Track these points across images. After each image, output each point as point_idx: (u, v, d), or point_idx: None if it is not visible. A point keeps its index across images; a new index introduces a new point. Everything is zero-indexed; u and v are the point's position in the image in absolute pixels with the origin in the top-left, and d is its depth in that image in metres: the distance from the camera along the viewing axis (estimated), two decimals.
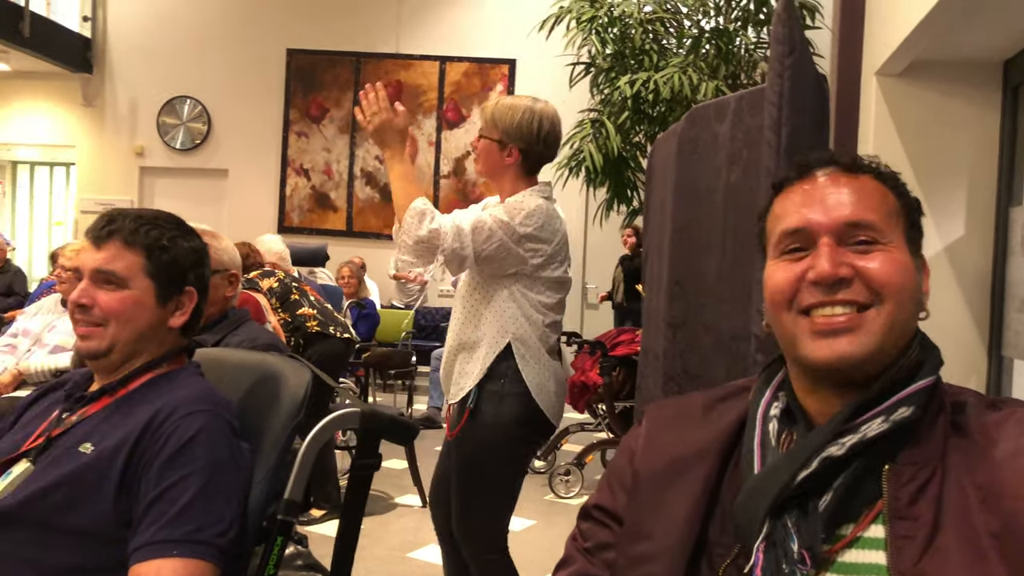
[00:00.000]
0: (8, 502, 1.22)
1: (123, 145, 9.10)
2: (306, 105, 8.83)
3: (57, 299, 3.99)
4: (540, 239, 2.13)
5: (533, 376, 2.18)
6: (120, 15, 9.03)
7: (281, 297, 3.95)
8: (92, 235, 1.35)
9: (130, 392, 1.33)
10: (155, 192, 9.23)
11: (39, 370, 3.69)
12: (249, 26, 8.80)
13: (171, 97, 8.94)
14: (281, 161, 8.88)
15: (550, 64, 6.91)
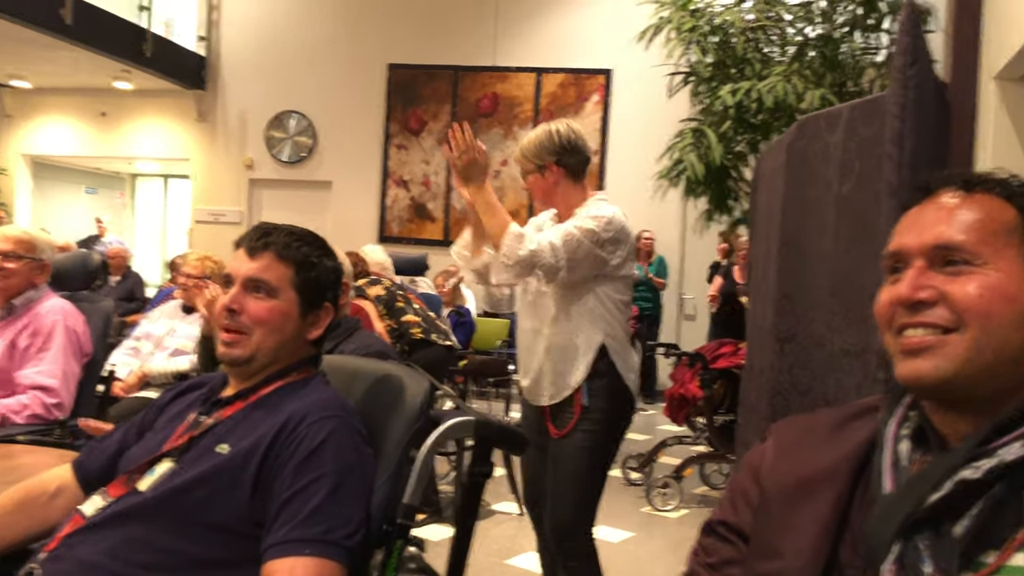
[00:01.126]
0: (153, 496, 1.31)
1: (233, 158, 9.53)
2: (405, 118, 9.04)
3: (177, 305, 4.21)
4: (619, 241, 2.31)
5: (626, 370, 2.38)
6: (232, 34, 9.47)
7: (387, 304, 4.06)
8: (247, 245, 1.44)
9: (262, 397, 1.41)
10: (263, 203, 9.62)
11: (161, 372, 3.90)
12: (352, 43, 9.09)
13: (278, 112, 9.31)
14: (382, 173, 9.12)
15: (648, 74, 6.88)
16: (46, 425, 2.52)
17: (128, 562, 1.25)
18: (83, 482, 1.48)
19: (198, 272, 3.96)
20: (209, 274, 4.00)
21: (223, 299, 1.42)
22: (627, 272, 2.39)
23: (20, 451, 2.22)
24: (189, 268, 4.00)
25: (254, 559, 1.24)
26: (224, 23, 9.47)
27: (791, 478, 0.92)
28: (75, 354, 2.67)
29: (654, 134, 7.84)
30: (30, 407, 2.51)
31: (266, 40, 9.33)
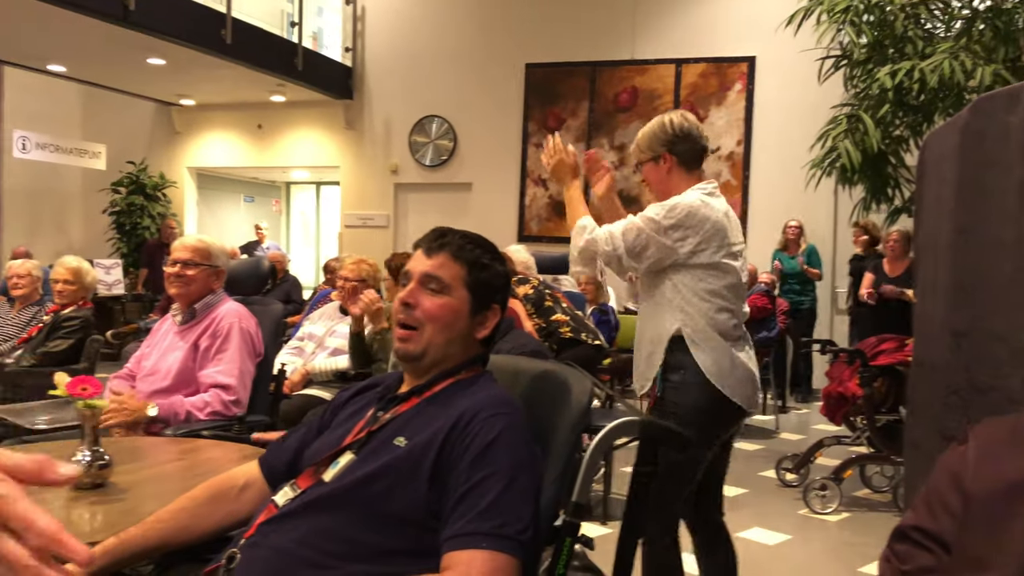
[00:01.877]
0: (336, 487, 1.39)
1: (379, 164, 9.89)
2: (543, 117, 9.10)
3: (336, 306, 4.42)
4: (685, 227, 2.27)
5: (709, 363, 2.29)
6: (376, 45, 9.83)
7: (536, 303, 4.10)
8: (425, 246, 1.53)
9: (435, 394, 1.47)
10: (408, 207, 9.94)
11: (322, 370, 4.10)
12: (489, 45, 9.23)
13: (421, 117, 9.59)
14: (520, 172, 9.22)
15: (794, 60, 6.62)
16: (226, 421, 2.71)
17: (317, 549, 1.32)
18: (268, 477, 1.58)
19: (354, 275, 4.14)
20: (364, 277, 4.18)
21: (400, 294, 1.49)
22: (710, 259, 2.30)
23: (205, 445, 2.40)
24: (346, 272, 4.19)
25: (433, 550, 1.29)
26: (368, 34, 9.85)
27: (1000, 484, 0.86)
28: (250, 354, 2.85)
29: (802, 122, 7.55)
30: (211, 404, 2.70)
31: (407, 48, 9.63)
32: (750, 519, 4.10)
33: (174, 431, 2.55)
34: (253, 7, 8.73)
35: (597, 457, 1.44)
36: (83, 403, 1.85)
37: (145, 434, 2.57)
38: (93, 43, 7.56)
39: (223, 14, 7.84)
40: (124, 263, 9.95)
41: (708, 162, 8.52)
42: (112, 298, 9.13)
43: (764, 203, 8.21)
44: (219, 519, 1.55)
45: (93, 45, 7.66)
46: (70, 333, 4.30)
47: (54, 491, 1.81)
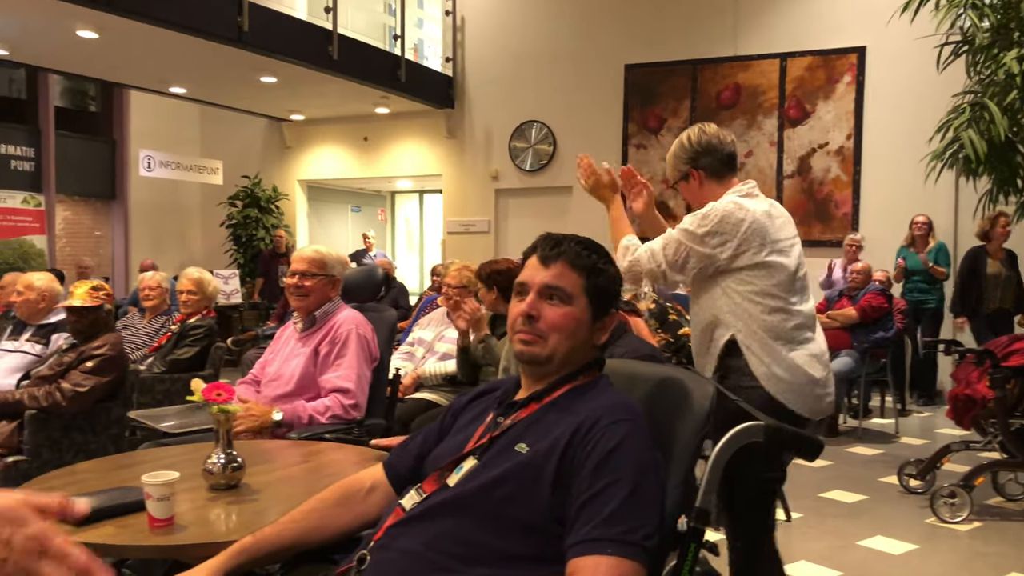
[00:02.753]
0: (460, 492, 1.41)
1: (480, 170, 10.01)
2: (644, 118, 9.01)
3: (443, 312, 4.50)
4: (721, 232, 2.26)
5: (762, 368, 2.24)
6: (475, 53, 9.96)
7: (660, 319, 4.05)
8: (540, 255, 1.52)
9: (555, 399, 1.48)
10: (508, 212, 10.02)
11: (432, 374, 4.18)
12: (588, 49, 9.22)
13: (520, 123, 9.66)
14: None
15: (908, 48, 6.34)
16: (346, 424, 2.79)
17: (443, 552, 1.35)
18: (393, 480, 1.63)
19: (456, 282, 4.21)
20: (466, 283, 4.24)
21: (520, 306, 1.49)
22: (753, 259, 2.26)
23: (327, 448, 2.49)
24: (449, 279, 4.26)
25: (557, 556, 1.30)
26: (467, 43, 9.99)
27: None
28: (367, 359, 2.93)
29: (918, 112, 7.23)
30: (332, 408, 2.79)
31: (506, 56, 9.72)
32: (871, 527, 3.95)
33: (298, 434, 2.65)
34: (357, 23, 9.00)
35: (721, 462, 1.42)
36: (217, 408, 1.95)
37: (271, 437, 2.68)
38: (210, 65, 7.95)
39: (330, 31, 8.11)
40: (241, 273, 10.41)
41: (816, 157, 8.29)
42: (230, 307, 9.57)
43: (878, 198, 7.88)
44: (348, 520, 1.60)
45: (210, 66, 8.06)
46: (196, 341, 4.53)
47: (193, 493, 1.91)
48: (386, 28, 9.80)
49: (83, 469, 2.20)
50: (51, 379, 3.45)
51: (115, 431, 3.57)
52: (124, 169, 11.37)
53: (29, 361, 4.03)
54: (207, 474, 1.94)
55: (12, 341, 4.20)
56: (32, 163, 10.40)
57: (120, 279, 11.32)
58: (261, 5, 7.58)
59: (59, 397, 3.34)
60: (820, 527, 3.98)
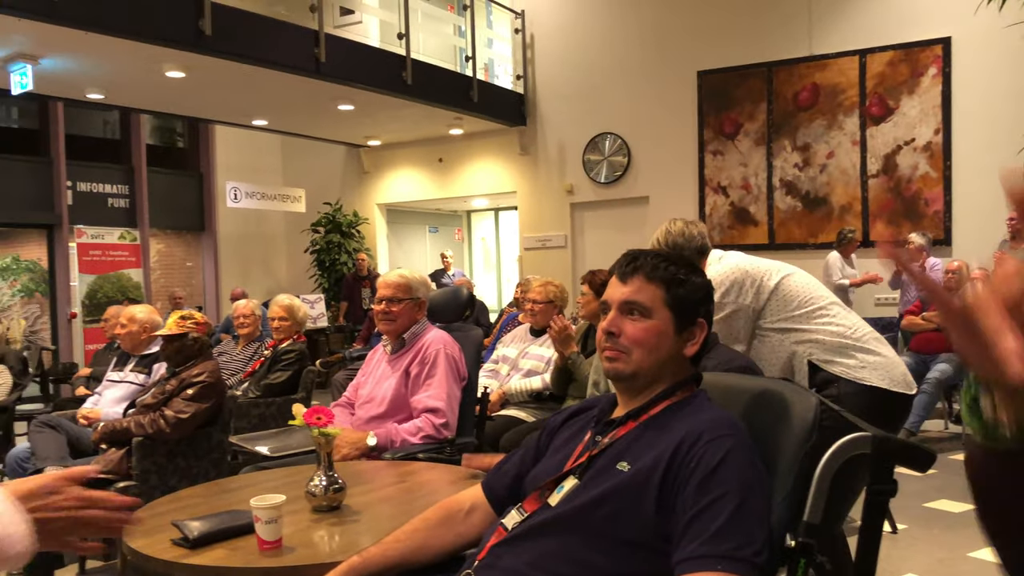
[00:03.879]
0: (562, 511, 1.41)
1: (555, 185, 10.03)
2: (719, 123, 8.89)
3: (526, 328, 4.52)
4: (729, 286, 2.53)
5: (852, 366, 2.32)
6: (545, 69, 10.01)
7: None
8: (618, 272, 1.53)
9: (653, 417, 1.47)
10: (584, 225, 10.00)
11: (518, 391, 4.20)
12: (659, 57, 9.16)
13: (594, 135, 9.65)
14: (699, 181, 9.04)
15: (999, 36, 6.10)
16: (437, 444, 2.83)
17: (548, 571, 1.36)
18: (492, 500, 1.64)
19: (542, 298, 4.23)
20: (551, 298, 4.25)
21: (602, 323, 1.50)
22: (768, 293, 2.51)
23: (421, 468, 2.52)
24: (533, 294, 4.28)
25: (665, 572, 1.29)
26: (537, 60, 10.05)
27: None
28: (456, 379, 2.97)
29: (1014, 102, 6.92)
30: (423, 429, 2.83)
31: (576, 70, 9.73)
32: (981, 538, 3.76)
33: (392, 454, 2.70)
34: (428, 47, 9.16)
35: (828, 474, 1.38)
36: (318, 431, 2.00)
37: (365, 459, 2.73)
38: (290, 96, 8.21)
39: (403, 57, 8.28)
40: (326, 297, 10.67)
41: (903, 155, 8.01)
42: (317, 330, 9.81)
43: (971, 194, 7.56)
44: (450, 540, 1.63)
45: (290, 98, 8.32)
46: (288, 365, 4.67)
47: (297, 515, 1.96)
48: (456, 50, 9.95)
49: (190, 494, 2.29)
50: (155, 407, 3.60)
51: (216, 455, 3.70)
52: (212, 201, 11.81)
53: (134, 390, 4.21)
54: (310, 496, 1.99)
55: (117, 372, 4.40)
56: (127, 200, 10.91)
57: (211, 308, 11.74)
58: (337, 36, 7.80)
59: (163, 424, 3.48)
60: (927, 539, 3.82)
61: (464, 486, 2.27)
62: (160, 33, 6.19)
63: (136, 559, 1.78)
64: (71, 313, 10.17)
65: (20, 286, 10.43)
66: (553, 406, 4.05)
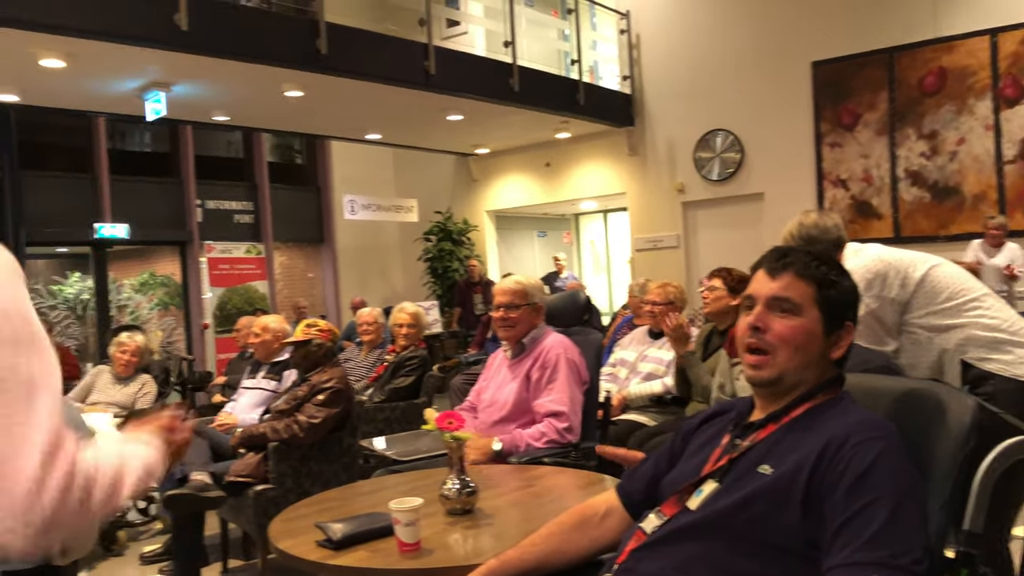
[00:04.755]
0: (704, 515, 1.39)
1: (665, 185, 9.90)
2: (837, 115, 8.56)
3: (644, 331, 4.48)
4: (872, 283, 2.43)
5: (1004, 366, 2.23)
6: (652, 68, 9.90)
7: None
8: (767, 267, 1.48)
9: (795, 419, 1.42)
10: (696, 224, 9.82)
11: (638, 395, 4.16)
12: (770, 51, 8.90)
13: (704, 133, 9.47)
14: (816, 175, 8.73)
15: None
16: (562, 448, 2.84)
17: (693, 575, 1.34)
18: (627, 505, 1.63)
19: (662, 299, 4.17)
20: (672, 299, 4.19)
21: (747, 318, 1.46)
22: (914, 288, 2.40)
23: (548, 472, 2.54)
24: (653, 296, 4.23)
25: None
26: (644, 59, 9.95)
27: None
28: (577, 383, 2.97)
29: None
30: (547, 434, 2.85)
31: (684, 67, 9.58)
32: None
33: (517, 459, 2.73)
34: (533, 52, 9.21)
35: (990, 481, 1.31)
36: (449, 436, 2.04)
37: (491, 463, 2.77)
38: (401, 109, 8.43)
39: (509, 64, 8.36)
40: (439, 303, 10.88)
41: None
42: (432, 336, 10.00)
43: None
44: (586, 544, 1.63)
45: (401, 111, 8.54)
46: (411, 371, 4.79)
47: (431, 518, 2.00)
48: (561, 54, 9.97)
49: (329, 497, 2.38)
50: (288, 412, 3.75)
51: (346, 459, 3.82)
52: (330, 214, 12.25)
53: (267, 396, 4.41)
54: (443, 499, 2.03)
55: (251, 379, 4.62)
56: (252, 215, 11.45)
57: (332, 317, 12.16)
58: (444, 48, 7.95)
59: (296, 429, 3.63)
60: None
61: (592, 491, 2.28)
62: (280, 55, 6.47)
63: (284, 559, 1.86)
64: (203, 324, 10.75)
65: (157, 300, 11.09)
66: (675, 410, 3.99)
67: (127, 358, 5.04)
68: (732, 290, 3.68)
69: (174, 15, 5.63)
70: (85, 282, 10.55)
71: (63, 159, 10.27)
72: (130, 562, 4.27)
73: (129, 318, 10.59)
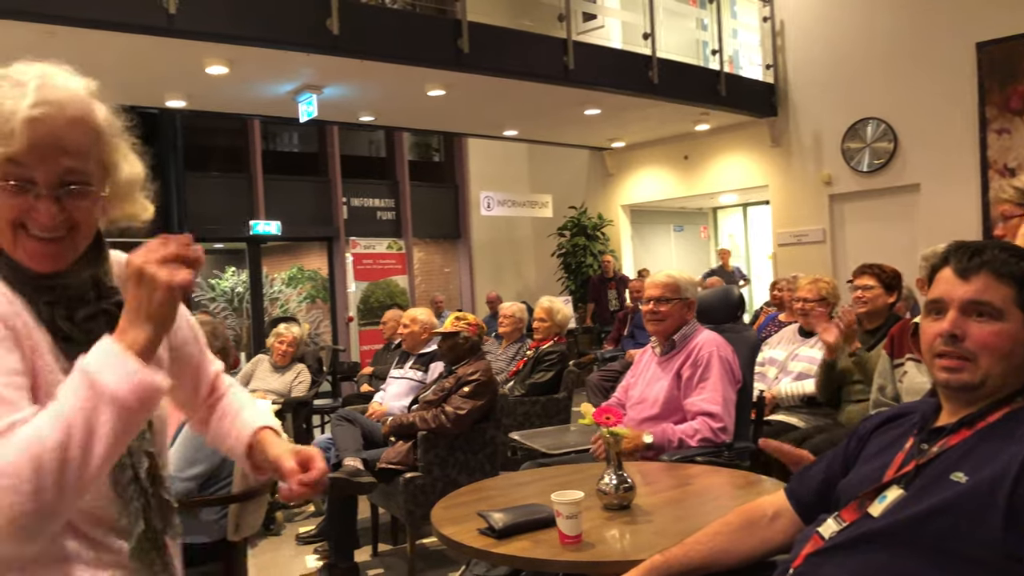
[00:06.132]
0: (889, 523, 1.32)
1: (810, 177, 9.50)
2: (1004, 99, 7.95)
3: (794, 329, 4.31)
4: None
5: None
6: (798, 56, 9.52)
7: None
8: (956, 267, 1.37)
9: (991, 424, 1.32)
10: (844, 218, 9.38)
11: (788, 395, 4.01)
12: (927, 32, 8.38)
13: (854, 122, 9.02)
14: (980, 164, 8.15)
15: None
16: (715, 448, 2.78)
17: None
18: (797, 507, 1.57)
19: (813, 295, 4.01)
20: (824, 296, 4.02)
21: (939, 325, 1.37)
22: None
23: (702, 471, 2.48)
24: (804, 292, 4.07)
25: None
26: (788, 47, 9.59)
27: None
28: (731, 381, 2.90)
29: None
30: (700, 432, 2.79)
31: (832, 54, 9.16)
32: None
33: (669, 456, 2.69)
34: (670, 43, 9.05)
35: None
36: (607, 431, 2.03)
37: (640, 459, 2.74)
38: (539, 105, 8.47)
39: (648, 57, 8.26)
40: (573, 299, 10.89)
41: None
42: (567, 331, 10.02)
43: None
44: (753, 546, 1.58)
45: (539, 106, 8.59)
46: (551, 366, 4.81)
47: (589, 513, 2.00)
48: (699, 44, 9.74)
49: (485, 487, 2.43)
50: (436, 403, 3.86)
51: (490, 450, 3.89)
52: (466, 210, 12.49)
53: (413, 387, 4.55)
54: (601, 494, 2.03)
55: (399, 369, 4.78)
56: (393, 212, 11.83)
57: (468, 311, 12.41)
58: (583, 42, 7.94)
59: (444, 419, 3.72)
60: None
61: (750, 491, 2.22)
62: (424, 55, 6.65)
63: (448, 545, 1.91)
64: (348, 317, 11.20)
65: (305, 293, 11.66)
66: (828, 411, 3.83)
67: (284, 348, 5.32)
68: (887, 287, 3.52)
69: (327, 20, 5.88)
70: (240, 276, 11.22)
71: (222, 160, 10.96)
72: (286, 541, 4.51)
73: (280, 311, 11.20)
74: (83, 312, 1.10)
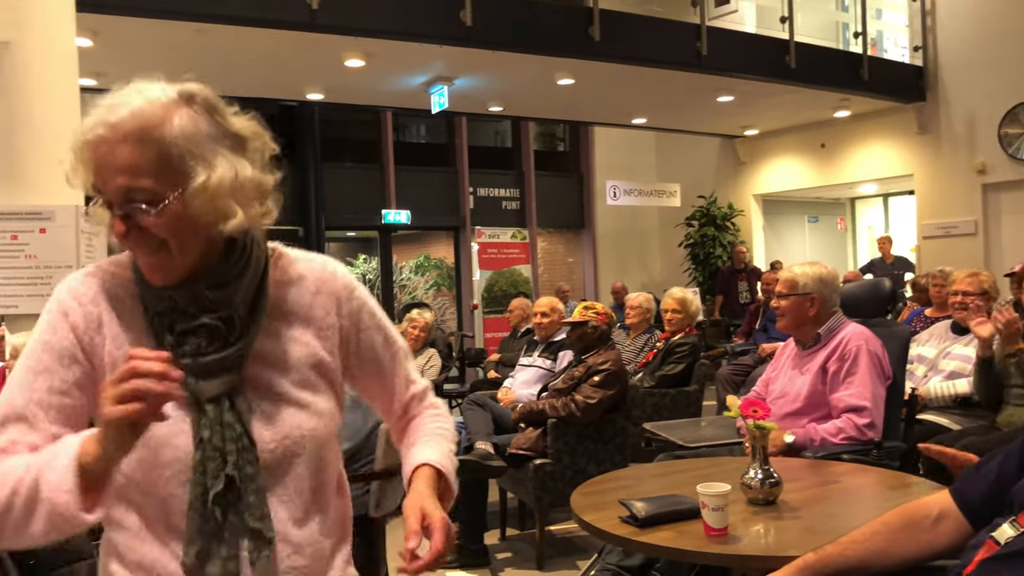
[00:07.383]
0: None
1: (962, 165, 8.92)
2: None
3: (947, 326, 4.07)
4: None
5: None
6: (949, 37, 8.95)
7: None
8: None
9: None
10: (999, 208, 8.76)
11: (938, 395, 3.79)
12: None
13: (1013, 106, 8.40)
14: None
15: None
16: (862, 445, 2.65)
17: None
18: (964, 509, 1.48)
19: (975, 288, 3.77)
20: (986, 289, 3.77)
21: None
22: None
23: (849, 470, 2.38)
24: (962, 286, 3.83)
25: None
26: (940, 27, 9.02)
27: None
28: (880, 377, 2.76)
29: None
30: (844, 430, 2.67)
31: (989, 32, 8.55)
32: None
33: (812, 453, 2.59)
34: (807, 27, 8.69)
35: None
36: (754, 424, 1.97)
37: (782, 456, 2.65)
38: (670, 92, 8.32)
39: (785, 40, 7.96)
40: (700, 291, 10.66)
41: None
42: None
43: None
44: (914, 548, 1.50)
45: (670, 94, 8.43)
46: (682, 358, 4.73)
47: (736, 506, 1.95)
48: (839, 26, 9.30)
49: (622, 476, 2.43)
50: (565, 392, 3.86)
51: (619, 440, 3.86)
52: (591, 200, 12.43)
53: (542, 374, 4.57)
54: (745, 488, 1.98)
55: (527, 357, 4.81)
56: (517, 202, 11.92)
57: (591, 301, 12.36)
58: (717, 27, 7.73)
59: (573, 408, 3.72)
60: None
61: (902, 492, 2.10)
62: (554, 44, 6.65)
63: (589, 532, 1.91)
64: (473, 304, 11.38)
65: (432, 281, 11.92)
66: (982, 413, 3.59)
67: (417, 333, 5.45)
68: None
69: (460, 12, 5.97)
70: (371, 263, 11.59)
71: (356, 152, 11.34)
72: None
73: (408, 298, 11.50)
74: (180, 327, 1.11)
